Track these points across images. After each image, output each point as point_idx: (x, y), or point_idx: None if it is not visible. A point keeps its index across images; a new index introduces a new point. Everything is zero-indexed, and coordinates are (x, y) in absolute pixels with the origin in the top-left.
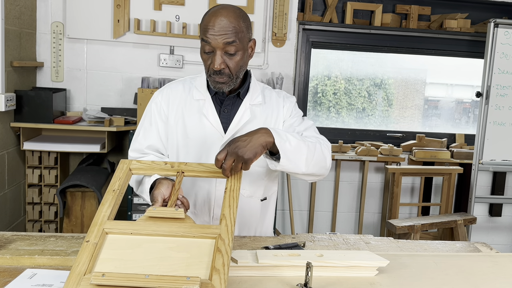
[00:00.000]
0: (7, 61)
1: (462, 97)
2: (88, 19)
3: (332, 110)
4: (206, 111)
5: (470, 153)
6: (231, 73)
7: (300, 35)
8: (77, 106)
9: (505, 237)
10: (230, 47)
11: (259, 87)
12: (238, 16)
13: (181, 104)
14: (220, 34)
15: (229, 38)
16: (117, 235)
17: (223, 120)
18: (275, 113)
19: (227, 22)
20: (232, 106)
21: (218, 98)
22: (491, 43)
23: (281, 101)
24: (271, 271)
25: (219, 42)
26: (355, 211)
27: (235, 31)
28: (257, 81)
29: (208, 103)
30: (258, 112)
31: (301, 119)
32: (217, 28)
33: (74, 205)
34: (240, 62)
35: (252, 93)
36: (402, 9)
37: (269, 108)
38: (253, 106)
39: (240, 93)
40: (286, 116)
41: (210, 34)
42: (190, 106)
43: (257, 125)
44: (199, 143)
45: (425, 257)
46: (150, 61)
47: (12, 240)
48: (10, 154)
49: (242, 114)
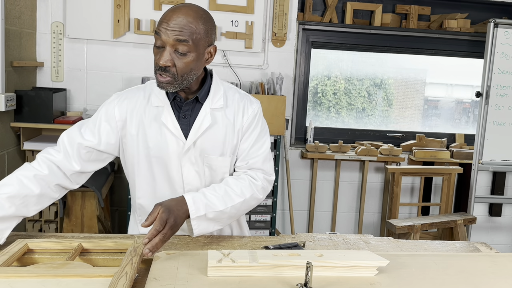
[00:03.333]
0: (7, 61)
1: (462, 97)
2: (88, 19)
3: (332, 110)
4: (165, 119)
5: (470, 153)
6: (176, 73)
7: (300, 35)
8: (77, 106)
9: (505, 237)
10: (181, 46)
11: (222, 88)
12: (199, 17)
13: (139, 112)
14: (173, 30)
15: (181, 36)
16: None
17: (183, 127)
18: (237, 119)
19: (183, 20)
20: (192, 111)
21: (177, 104)
22: (491, 43)
23: (242, 106)
24: (271, 271)
25: (169, 38)
26: (355, 211)
27: (190, 31)
28: (222, 80)
29: (166, 110)
30: (219, 117)
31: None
32: (172, 24)
33: (74, 205)
34: (190, 64)
35: (213, 96)
36: (402, 9)
37: (231, 112)
38: (213, 111)
39: (199, 97)
40: (244, 128)
41: (163, 28)
42: (149, 114)
43: (219, 130)
44: (161, 152)
45: (425, 257)
46: (150, 61)
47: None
48: (10, 154)
49: (202, 120)
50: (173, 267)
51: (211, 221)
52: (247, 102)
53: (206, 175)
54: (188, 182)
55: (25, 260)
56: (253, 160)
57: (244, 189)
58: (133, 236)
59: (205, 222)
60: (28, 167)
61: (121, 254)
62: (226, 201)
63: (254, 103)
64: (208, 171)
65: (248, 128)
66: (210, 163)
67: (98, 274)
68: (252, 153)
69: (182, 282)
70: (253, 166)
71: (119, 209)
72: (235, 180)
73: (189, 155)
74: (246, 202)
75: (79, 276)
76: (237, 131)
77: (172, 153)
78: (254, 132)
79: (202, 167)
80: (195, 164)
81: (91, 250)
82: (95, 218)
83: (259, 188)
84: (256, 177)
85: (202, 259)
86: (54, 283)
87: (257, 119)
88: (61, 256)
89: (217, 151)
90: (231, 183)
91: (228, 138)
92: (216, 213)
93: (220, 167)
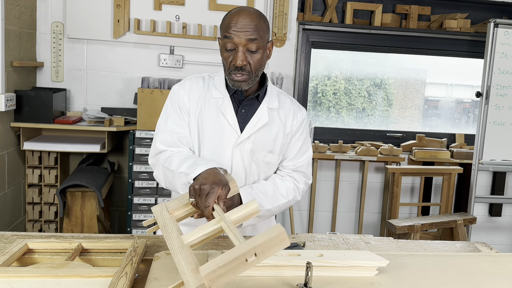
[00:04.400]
0: (7, 61)
1: (462, 97)
2: (88, 19)
3: (332, 110)
4: (224, 109)
5: (470, 153)
6: (251, 70)
7: (300, 35)
8: (77, 106)
9: (505, 237)
10: (252, 44)
11: (275, 91)
12: (259, 16)
13: (200, 100)
14: (243, 31)
15: (252, 35)
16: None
17: (240, 120)
18: (287, 121)
19: (249, 20)
20: (250, 107)
21: (236, 98)
22: (491, 43)
23: (293, 110)
24: (271, 271)
25: (242, 39)
26: (355, 211)
27: (257, 29)
28: (273, 85)
29: (226, 101)
30: (274, 116)
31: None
32: (240, 25)
33: (74, 205)
34: (260, 60)
35: (270, 97)
36: (402, 9)
37: (283, 114)
38: (270, 110)
39: (259, 96)
40: (293, 131)
41: (233, 31)
42: (208, 103)
43: (272, 129)
44: (215, 140)
45: (425, 257)
46: (150, 61)
47: (12, 240)
48: (10, 154)
49: (260, 116)
50: (173, 267)
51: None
52: (296, 107)
53: (252, 170)
54: (235, 174)
55: (25, 260)
56: (300, 164)
57: (289, 191)
58: (133, 236)
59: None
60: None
61: (121, 254)
62: (273, 201)
63: (303, 109)
64: (255, 167)
65: (296, 131)
66: (259, 159)
67: (98, 274)
68: (300, 156)
69: None
70: (299, 169)
71: (119, 209)
72: (281, 181)
73: (241, 147)
74: (288, 203)
75: (79, 276)
76: (287, 133)
77: (226, 142)
78: (302, 137)
79: (250, 162)
80: (245, 158)
81: (91, 250)
82: (95, 218)
83: (300, 191)
84: (299, 180)
85: (202, 259)
86: (54, 283)
87: (304, 125)
88: (61, 256)
89: (267, 148)
90: (278, 184)
91: (279, 137)
92: (263, 212)
93: (267, 164)
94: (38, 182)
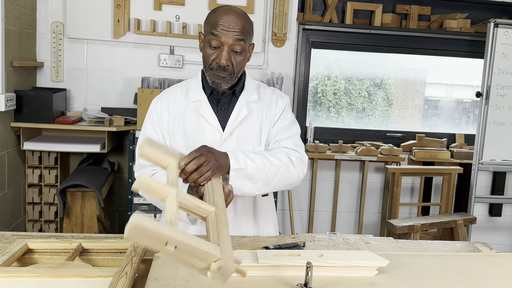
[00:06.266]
0: (7, 61)
1: (462, 97)
2: (88, 19)
3: (332, 110)
4: (203, 111)
5: (470, 153)
6: (233, 71)
7: (300, 35)
8: (77, 106)
9: (505, 237)
10: (238, 46)
11: (254, 84)
12: (247, 18)
13: (180, 108)
14: (231, 30)
15: (239, 36)
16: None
17: (220, 119)
18: (270, 110)
19: (238, 21)
20: (229, 104)
21: (214, 98)
22: (491, 43)
23: (275, 99)
24: (271, 271)
25: (229, 38)
26: (355, 211)
27: (244, 31)
28: (252, 79)
29: (204, 103)
30: (254, 109)
31: (288, 124)
32: (229, 25)
33: (74, 205)
34: (242, 62)
35: (247, 91)
36: (402, 9)
37: (264, 105)
38: (249, 103)
39: (236, 91)
40: (277, 115)
41: (221, 29)
42: (188, 108)
43: (254, 121)
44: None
45: (425, 257)
46: (150, 61)
47: (12, 240)
48: (10, 154)
49: (238, 111)
50: (173, 267)
51: (248, 179)
52: (278, 95)
53: None
54: None
55: (25, 260)
56: (285, 141)
57: (280, 156)
58: None
59: (242, 178)
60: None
61: (121, 254)
62: (265, 161)
63: (284, 96)
64: None
65: (279, 116)
66: None
67: (98, 274)
68: (284, 134)
69: (182, 282)
70: (286, 146)
71: (119, 209)
72: (271, 151)
73: (226, 145)
74: (284, 168)
75: (79, 276)
76: (270, 122)
77: (210, 143)
78: (285, 119)
79: None
80: None
81: (91, 250)
82: (95, 218)
83: (295, 160)
84: (291, 153)
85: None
86: (54, 283)
87: (286, 110)
88: (61, 256)
89: (253, 142)
90: (267, 152)
91: (264, 129)
92: (255, 169)
93: None
94: (38, 182)
